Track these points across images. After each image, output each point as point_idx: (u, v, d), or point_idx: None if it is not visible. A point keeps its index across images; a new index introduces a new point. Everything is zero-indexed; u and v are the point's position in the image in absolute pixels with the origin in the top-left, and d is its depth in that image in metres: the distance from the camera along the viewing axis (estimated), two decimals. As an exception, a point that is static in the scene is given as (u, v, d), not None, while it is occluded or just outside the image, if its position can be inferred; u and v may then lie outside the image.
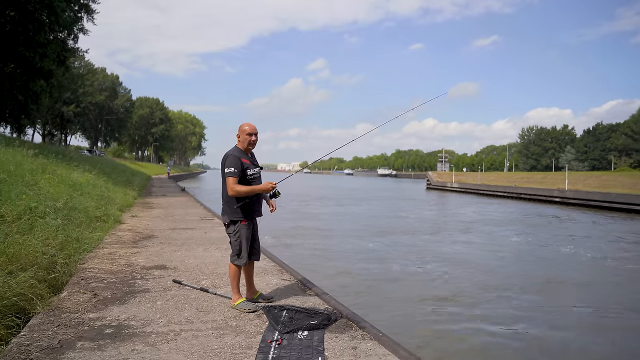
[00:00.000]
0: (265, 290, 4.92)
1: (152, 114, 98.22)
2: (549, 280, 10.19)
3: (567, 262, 12.34)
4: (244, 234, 4.21)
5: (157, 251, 7.01)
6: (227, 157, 4.16)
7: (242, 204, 4.19)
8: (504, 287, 9.41)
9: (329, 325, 3.92)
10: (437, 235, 17.00)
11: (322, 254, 12.48)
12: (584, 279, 10.44)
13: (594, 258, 12.91)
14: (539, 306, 8.15)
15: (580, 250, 14.16)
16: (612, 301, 8.62)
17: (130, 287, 4.91)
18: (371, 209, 28.33)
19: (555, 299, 8.74)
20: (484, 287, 9.34)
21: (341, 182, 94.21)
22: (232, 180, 4.08)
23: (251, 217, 4.28)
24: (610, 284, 10.02)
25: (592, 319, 7.55)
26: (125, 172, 30.24)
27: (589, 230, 19.73)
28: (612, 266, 11.88)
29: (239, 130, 4.26)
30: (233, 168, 4.07)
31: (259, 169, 4.33)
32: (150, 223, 10.42)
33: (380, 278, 9.85)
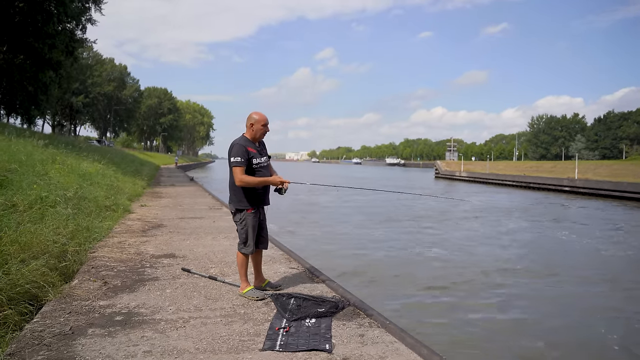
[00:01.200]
0: (273, 278, 4.95)
1: (160, 104, 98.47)
2: (554, 268, 10.15)
3: (572, 252, 12.29)
4: (250, 223, 4.23)
5: (166, 240, 7.05)
6: (233, 145, 4.16)
7: (249, 193, 4.19)
8: (508, 275, 9.40)
9: (336, 313, 3.94)
10: (444, 223, 16.96)
11: (330, 242, 12.52)
12: (587, 268, 10.39)
13: (598, 248, 12.83)
14: (544, 294, 8.13)
15: (585, 239, 14.07)
16: (612, 287, 8.58)
17: (140, 275, 4.96)
18: (378, 198, 28.28)
19: (560, 286, 8.71)
20: (489, 275, 9.34)
21: (349, 172, 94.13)
22: (239, 170, 4.08)
23: (258, 205, 4.29)
24: (614, 272, 9.97)
25: (586, 304, 7.53)
26: (134, 162, 30.38)
27: (597, 219, 19.56)
28: (619, 256, 11.80)
29: (250, 119, 4.22)
30: (239, 157, 4.06)
31: (266, 158, 4.30)
32: (159, 212, 10.46)
33: (388, 266, 9.87)
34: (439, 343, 5.68)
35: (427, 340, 5.50)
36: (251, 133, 4.23)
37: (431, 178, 64.81)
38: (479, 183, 49.61)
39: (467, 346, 5.74)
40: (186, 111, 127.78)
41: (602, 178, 36.68)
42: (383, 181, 53.83)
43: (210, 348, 3.17)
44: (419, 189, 38.42)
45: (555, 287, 8.72)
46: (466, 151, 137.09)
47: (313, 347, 3.22)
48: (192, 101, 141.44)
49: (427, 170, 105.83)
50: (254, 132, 4.22)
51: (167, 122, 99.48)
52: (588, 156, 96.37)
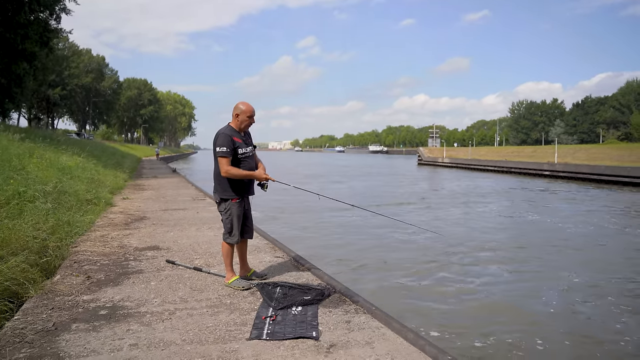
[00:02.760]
0: (258, 267, 4.94)
1: (140, 95, 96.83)
2: (533, 246, 10.36)
3: (547, 230, 12.57)
4: (235, 212, 4.21)
5: (149, 232, 6.99)
6: (218, 135, 4.12)
7: (234, 183, 4.17)
8: (489, 256, 9.56)
9: (322, 300, 3.96)
10: (426, 208, 17.14)
11: (313, 229, 12.56)
12: (566, 245, 10.62)
13: (575, 229, 13.13)
14: (523, 276, 8.30)
15: (561, 220, 14.38)
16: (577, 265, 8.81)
17: (124, 268, 4.91)
18: (361, 185, 28.44)
19: (536, 265, 8.91)
20: (470, 257, 9.51)
21: (332, 160, 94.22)
22: (224, 161, 4.06)
23: (242, 195, 4.27)
24: (591, 251, 10.22)
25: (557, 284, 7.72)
26: (115, 155, 29.93)
27: (573, 201, 19.98)
28: (598, 234, 12.10)
29: (236, 109, 4.19)
30: (225, 147, 4.04)
31: (251, 148, 4.29)
32: (142, 205, 10.38)
33: (371, 251, 9.95)
34: (425, 326, 5.76)
35: (412, 325, 5.60)
36: (237, 123, 4.20)
37: (414, 165, 65.27)
38: (461, 169, 50.16)
39: (453, 329, 5.83)
40: (167, 102, 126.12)
41: (581, 162, 37.43)
42: (366, 169, 54.04)
43: (197, 339, 3.15)
44: (402, 176, 38.70)
45: (529, 266, 8.90)
46: (448, 137, 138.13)
47: (300, 335, 3.23)
48: (173, 92, 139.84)
49: (410, 157, 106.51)
50: (239, 122, 4.20)
51: (147, 114, 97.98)
52: (567, 140, 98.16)
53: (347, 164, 71.02)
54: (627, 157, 38.96)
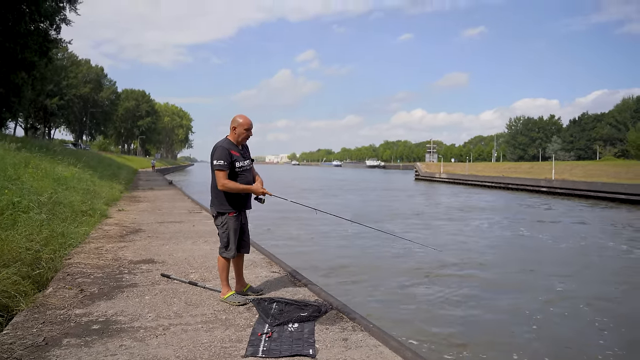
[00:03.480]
0: (254, 283, 4.90)
1: (138, 106, 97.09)
2: (529, 264, 10.32)
3: (543, 249, 12.53)
4: (231, 226, 4.18)
5: (144, 245, 6.95)
6: (216, 148, 4.12)
7: (231, 196, 4.16)
8: (488, 273, 9.51)
9: (319, 317, 3.92)
10: (423, 223, 17.10)
11: (310, 244, 12.50)
12: (562, 266, 10.59)
13: (572, 245, 13.11)
14: (519, 293, 8.25)
15: (557, 236, 14.36)
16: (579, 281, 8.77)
17: (118, 281, 4.86)
18: (357, 199, 28.43)
19: (533, 281, 8.86)
20: (468, 273, 9.44)
21: (329, 174, 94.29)
22: (222, 174, 4.05)
23: (240, 209, 4.25)
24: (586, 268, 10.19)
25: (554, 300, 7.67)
26: (111, 166, 29.91)
27: (570, 218, 20.00)
28: (595, 251, 12.08)
29: (234, 122, 4.20)
30: (222, 161, 4.04)
31: (249, 162, 4.29)
32: (138, 217, 10.35)
33: (369, 267, 9.89)
34: (423, 345, 5.70)
35: (411, 343, 5.53)
36: (234, 136, 4.21)
37: (411, 180, 65.32)
38: (458, 184, 50.21)
39: (452, 348, 5.76)
40: (165, 114, 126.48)
41: (578, 179, 37.54)
42: (363, 183, 54.05)
43: (192, 356, 3.10)
44: (399, 191, 38.71)
45: (528, 281, 8.86)
46: (446, 153, 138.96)
47: (296, 353, 3.18)
48: (171, 103, 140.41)
49: (407, 172, 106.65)
50: (237, 135, 4.20)
51: (145, 125, 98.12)
52: (564, 157, 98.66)
53: (344, 178, 71.08)
54: (624, 174, 39.15)
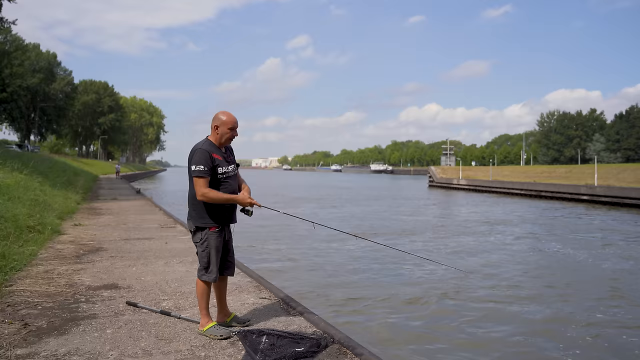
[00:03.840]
0: (240, 311, 4.86)
1: (99, 100, 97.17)
2: (570, 290, 10.29)
3: (584, 270, 12.51)
4: (213, 243, 4.14)
5: (106, 267, 6.90)
6: (195, 151, 4.10)
7: (213, 208, 4.13)
8: (517, 299, 9.48)
9: (318, 353, 3.88)
10: (438, 239, 17.09)
11: (306, 264, 12.48)
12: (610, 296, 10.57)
13: (619, 268, 13.11)
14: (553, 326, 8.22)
15: (602, 256, 14.36)
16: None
17: (73, 312, 4.79)
18: (361, 210, 28.42)
19: (574, 314, 8.82)
20: (494, 298, 9.45)
21: (327, 180, 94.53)
22: (201, 182, 4.02)
23: (223, 223, 4.21)
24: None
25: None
26: (66, 172, 29.77)
27: (622, 234, 20.01)
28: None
29: (215, 120, 4.19)
30: (202, 166, 4.01)
31: (233, 167, 4.28)
32: (98, 233, 10.32)
33: (377, 292, 9.84)
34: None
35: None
36: (216, 137, 4.19)
37: (424, 187, 65.58)
38: (481, 192, 50.40)
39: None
40: (131, 110, 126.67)
41: (627, 184, 37.58)
42: (367, 191, 54.17)
43: (163, 402, 3.04)
44: (410, 200, 38.76)
45: (564, 313, 8.82)
46: (465, 155, 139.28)
47: (292, 397, 3.12)
48: (139, 98, 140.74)
49: (419, 178, 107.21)
50: (219, 136, 4.18)
51: (107, 123, 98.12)
52: (609, 159, 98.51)
53: (345, 185, 71.19)
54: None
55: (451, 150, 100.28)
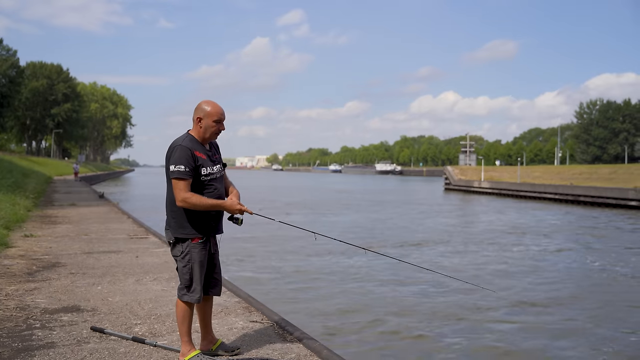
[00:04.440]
0: (227, 337, 4.85)
1: (51, 87, 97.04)
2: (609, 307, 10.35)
3: (629, 287, 12.59)
4: (196, 257, 4.12)
5: (65, 286, 6.87)
6: (174, 148, 4.08)
7: (196, 216, 4.11)
8: (555, 324, 9.56)
9: (323, 388, 3.87)
10: (459, 252, 17.17)
11: (303, 282, 12.59)
12: None
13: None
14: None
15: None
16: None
17: (25, 341, 4.76)
18: (365, 218, 28.50)
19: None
20: (527, 324, 9.52)
21: (325, 182, 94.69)
22: (182, 185, 4.00)
23: (207, 233, 4.20)
24: None
25: None
26: (13, 173, 29.77)
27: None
28: None
29: (198, 111, 4.18)
30: (183, 166, 3.99)
31: (219, 167, 4.27)
32: (54, 245, 10.28)
33: (388, 314, 9.91)
34: None
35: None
36: (199, 131, 4.17)
37: (440, 190, 65.84)
38: (506, 197, 50.60)
39: None
40: (91, 98, 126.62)
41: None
42: (372, 195, 54.30)
43: None
44: (423, 206, 38.83)
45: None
46: (488, 152, 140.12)
47: None
48: (101, 84, 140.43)
49: (433, 180, 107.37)
50: (202, 130, 4.16)
51: (62, 114, 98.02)
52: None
53: (346, 188, 71.38)
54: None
55: (471, 148, 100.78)
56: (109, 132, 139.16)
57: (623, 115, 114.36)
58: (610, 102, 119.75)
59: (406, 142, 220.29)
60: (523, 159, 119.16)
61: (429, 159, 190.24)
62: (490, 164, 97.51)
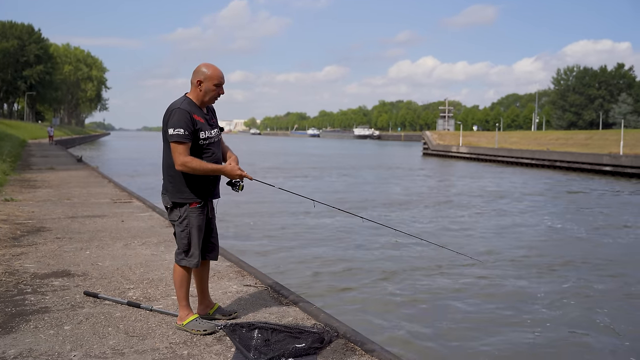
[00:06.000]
0: (223, 301, 4.86)
1: (22, 48, 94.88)
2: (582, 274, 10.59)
3: (606, 254, 12.88)
4: (194, 222, 4.11)
5: (53, 250, 6.82)
6: (172, 111, 4.02)
7: (194, 180, 4.09)
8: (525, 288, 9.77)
9: (322, 349, 3.89)
10: (435, 213, 17.40)
11: (291, 245, 12.70)
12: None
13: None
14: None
15: (627, 238, 14.76)
16: None
17: (18, 306, 4.72)
18: (343, 183, 28.70)
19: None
20: (509, 283, 9.76)
21: (303, 147, 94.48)
22: (181, 149, 3.96)
23: (205, 197, 4.18)
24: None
25: None
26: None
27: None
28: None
29: (197, 73, 4.12)
30: (182, 129, 3.94)
31: (217, 131, 4.24)
32: (37, 210, 10.20)
33: (375, 273, 10.10)
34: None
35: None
36: (198, 94, 4.11)
37: (418, 155, 66.10)
38: (484, 162, 51.00)
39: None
40: (65, 60, 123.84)
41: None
42: (350, 160, 54.37)
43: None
44: (401, 171, 39.01)
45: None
46: (466, 118, 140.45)
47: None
48: (74, 46, 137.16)
49: (411, 145, 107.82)
50: (202, 94, 4.11)
51: (35, 76, 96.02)
52: (637, 123, 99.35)
53: (324, 153, 71.38)
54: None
55: (450, 113, 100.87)
56: (84, 95, 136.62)
57: (599, 82, 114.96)
58: (587, 68, 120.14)
59: (384, 107, 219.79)
60: (500, 125, 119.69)
61: (407, 124, 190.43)
62: (467, 129, 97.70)
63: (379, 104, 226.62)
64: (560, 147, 53.50)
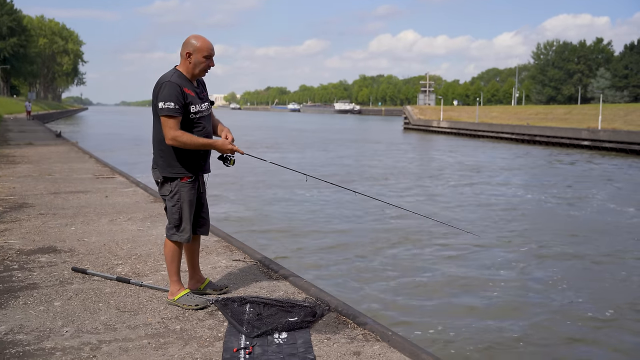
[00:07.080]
0: (212, 276, 4.87)
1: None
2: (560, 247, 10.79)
3: (584, 227, 13.15)
4: (185, 196, 4.09)
5: (37, 226, 6.78)
6: (162, 84, 3.96)
7: (185, 154, 4.05)
8: (511, 263, 9.93)
9: (314, 323, 3.92)
10: (417, 186, 17.59)
11: (276, 220, 12.76)
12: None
13: (625, 222, 13.72)
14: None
15: (604, 210, 15.04)
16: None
17: (6, 282, 4.69)
18: (324, 157, 28.76)
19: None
20: (494, 255, 9.91)
21: (283, 122, 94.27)
22: (172, 122, 3.91)
23: (196, 172, 4.16)
24: None
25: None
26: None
27: (625, 183, 20.81)
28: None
29: (187, 45, 4.06)
30: (172, 103, 3.89)
31: (207, 105, 4.19)
32: (18, 185, 10.14)
33: (364, 247, 10.17)
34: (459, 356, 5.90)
35: (444, 354, 5.69)
36: (188, 67, 4.06)
37: (399, 130, 66.27)
38: (464, 136, 51.33)
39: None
40: (39, 33, 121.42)
41: (636, 128, 38.50)
42: (330, 134, 54.41)
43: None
44: (382, 145, 39.10)
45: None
46: (446, 92, 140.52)
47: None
48: (49, 18, 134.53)
49: (392, 120, 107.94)
50: (192, 66, 4.05)
51: (8, 49, 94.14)
52: (615, 98, 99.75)
53: (304, 127, 71.28)
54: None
55: (430, 87, 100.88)
56: (60, 68, 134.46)
57: (578, 57, 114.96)
58: (566, 43, 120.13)
59: (365, 81, 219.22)
60: (481, 99, 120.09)
61: (388, 99, 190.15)
62: (448, 103, 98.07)
63: (359, 79, 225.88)
64: (540, 121, 53.92)
